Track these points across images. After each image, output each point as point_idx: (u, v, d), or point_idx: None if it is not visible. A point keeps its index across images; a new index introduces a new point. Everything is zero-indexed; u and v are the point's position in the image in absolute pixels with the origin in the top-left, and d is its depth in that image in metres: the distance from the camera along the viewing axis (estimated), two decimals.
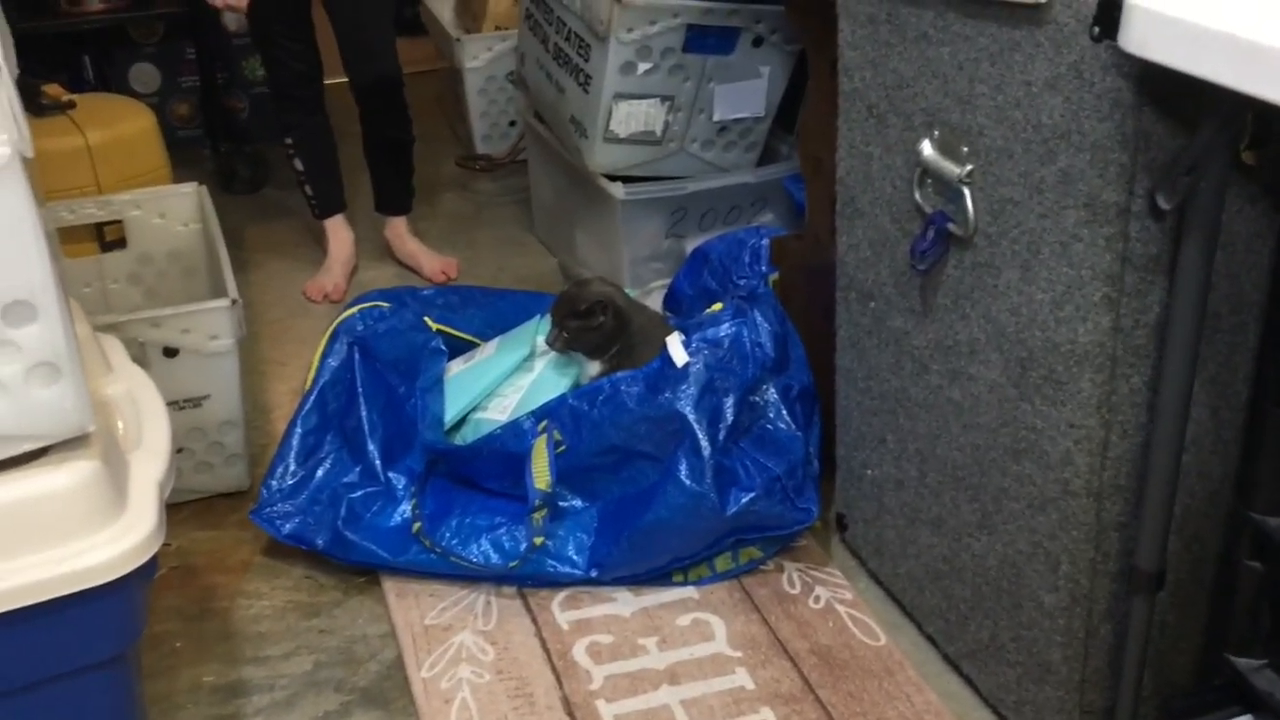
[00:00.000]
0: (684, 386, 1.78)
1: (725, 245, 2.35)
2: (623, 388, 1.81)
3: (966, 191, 1.47)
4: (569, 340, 1.94)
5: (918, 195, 1.56)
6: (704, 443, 1.75)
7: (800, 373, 1.93)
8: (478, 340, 2.19)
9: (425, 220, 3.10)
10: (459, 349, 2.17)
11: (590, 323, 1.93)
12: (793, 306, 2.03)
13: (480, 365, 2.07)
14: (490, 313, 2.22)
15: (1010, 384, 1.47)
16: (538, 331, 2.13)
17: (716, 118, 2.50)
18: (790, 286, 2.13)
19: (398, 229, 2.90)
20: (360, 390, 1.98)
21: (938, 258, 1.55)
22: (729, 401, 1.79)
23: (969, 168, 1.47)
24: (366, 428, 1.96)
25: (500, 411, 2.00)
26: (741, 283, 2.30)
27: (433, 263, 2.86)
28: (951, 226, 1.51)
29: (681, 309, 2.41)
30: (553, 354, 2.01)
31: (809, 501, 1.82)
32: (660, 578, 1.84)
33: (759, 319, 1.89)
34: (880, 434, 1.75)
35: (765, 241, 2.30)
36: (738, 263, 2.31)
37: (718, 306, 1.96)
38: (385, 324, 2.03)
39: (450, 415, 2.02)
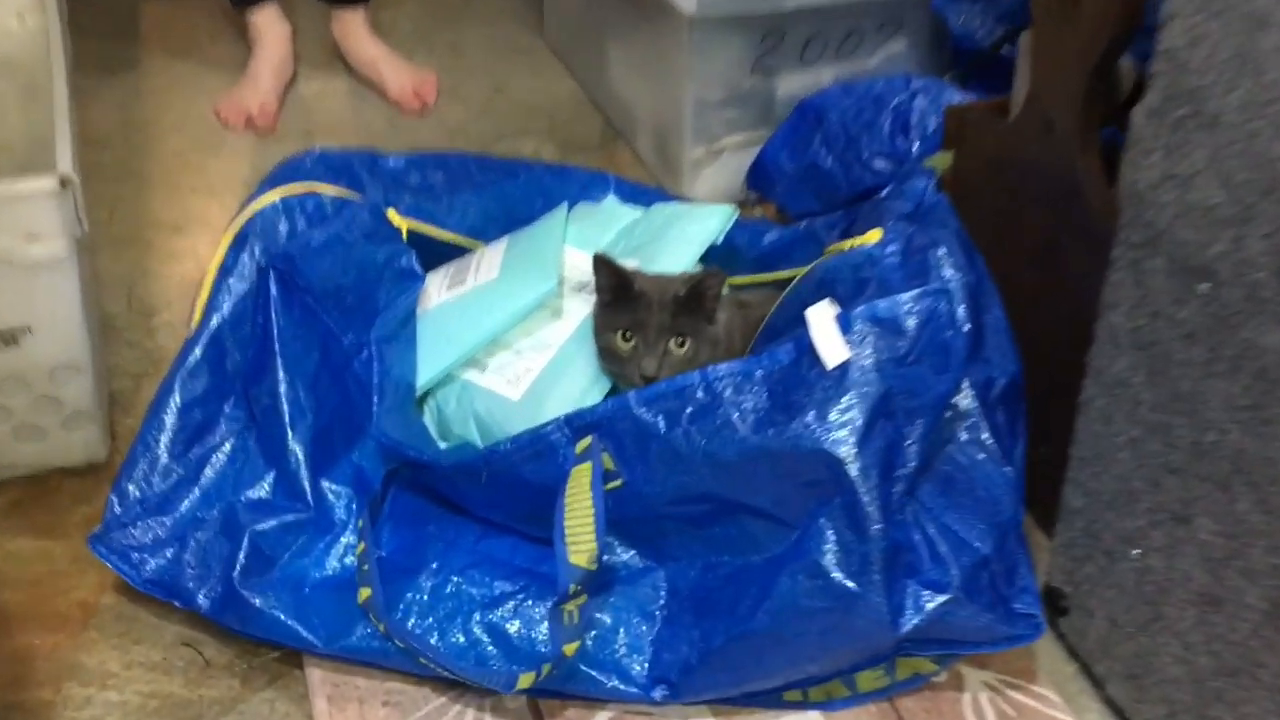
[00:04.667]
0: (840, 405, 1.01)
1: (854, 101, 1.55)
2: (728, 393, 1.04)
3: None
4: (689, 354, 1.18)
5: None
6: (870, 507, 1.00)
7: (1003, 353, 1.16)
8: (472, 243, 1.41)
9: (391, 9, 2.23)
10: (441, 255, 1.39)
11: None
12: (968, 223, 1.25)
13: (476, 294, 1.29)
14: (494, 198, 1.42)
15: None
16: (565, 237, 1.35)
17: None
18: (968, 190, 1.34)
19: (350, 24, 2.05)
20: (277, 342, 1.20)
21: None
22: (915, 433, 1.04)
23: None
24: (286, 406, 1.19)
25: (508, 381, 1.24)
26: (878, 165, 1.51)
27: (400, 77, 2.02)
28: None
29: (775, 191, 1.62)
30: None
31: (1027, 598, 1.08)
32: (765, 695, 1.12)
33: (947, 269, 1.11)
34: (1180, 507, 1.01)
35: (919, 102, 1.50)
36: (873, 132, 1.52)
37: (875, 235, 1.17)
38: (323, 229, 1.23)
39: (425, 378, 1.25)
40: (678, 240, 1.31)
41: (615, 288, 1.18)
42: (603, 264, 1.18)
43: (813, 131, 1.55)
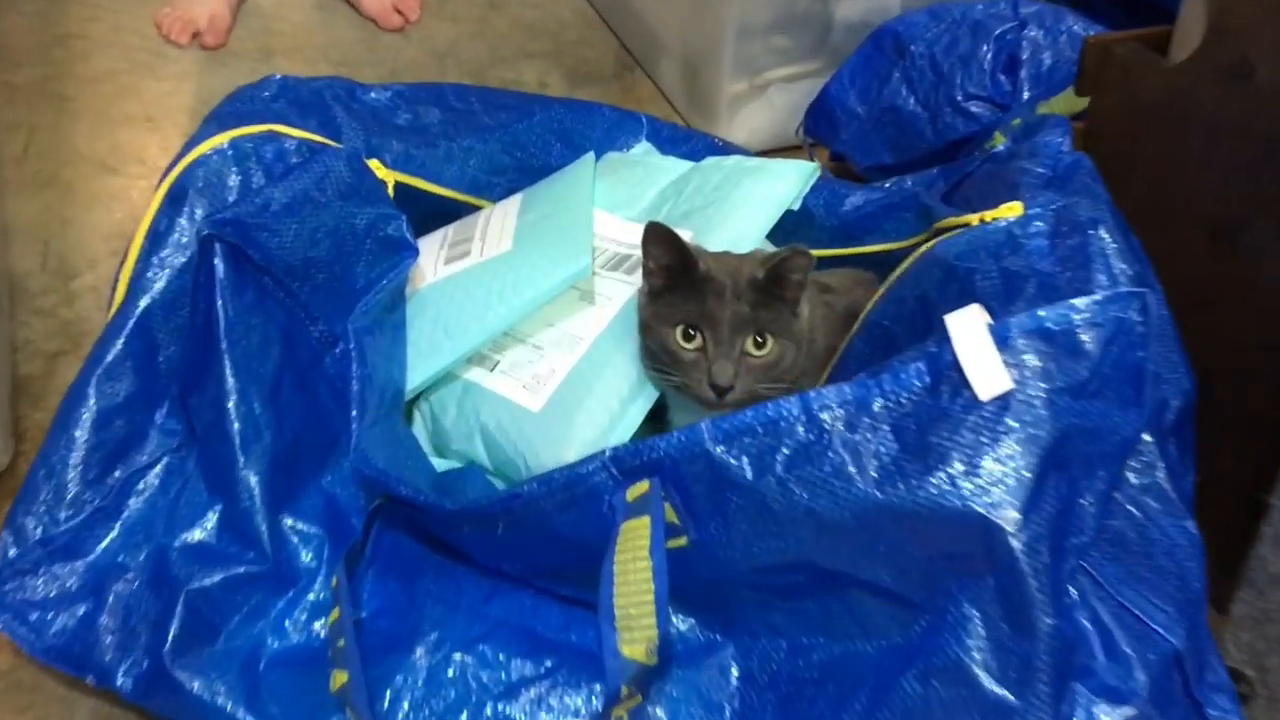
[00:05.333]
0: (998, 452, 0.74)
1: (945, 29, 1.27)
2: (839, 428, 0.76)
3: None
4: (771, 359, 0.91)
5: None
6: (1038, 594, 0.73)
7: (1173, 366, 0.90)
8: (477, 201, 1.12)
9: None
10: (437, 216, 1.10)
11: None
12: (1112, 191, 0.97)
13: (483, 270, 1.01)
14: (502, 143, 1.13)
15: None
16: (593, 198, 1.07)
17: None
18: (1112, 148, 1.06)
19: None
20: (225, 337, 0.91)
21: None
22: (1094, 489, 0.77)
23: None
24: (236, 421, 0.90)
25: (525, 386, 0.96)
26: (974, 109, 1.23)
27: None
28: None
29: (839, 138, 1.34)
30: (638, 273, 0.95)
31: (1222, 700, 0.82)
32: None
33: (1115, 259, 0.84)
34: None
35: (1030, 33, 1.21)
36: (970, 68, 1.24)
37: (1016, 208, 0.89)
38: (286, 185, 0.94)
39: (418, 379, 0.97)
40: (743, 206, 1.03)
41: (673, 268, 0.90)
42: (660, 236, 0.90)
43: (891, 66, 1.27)
